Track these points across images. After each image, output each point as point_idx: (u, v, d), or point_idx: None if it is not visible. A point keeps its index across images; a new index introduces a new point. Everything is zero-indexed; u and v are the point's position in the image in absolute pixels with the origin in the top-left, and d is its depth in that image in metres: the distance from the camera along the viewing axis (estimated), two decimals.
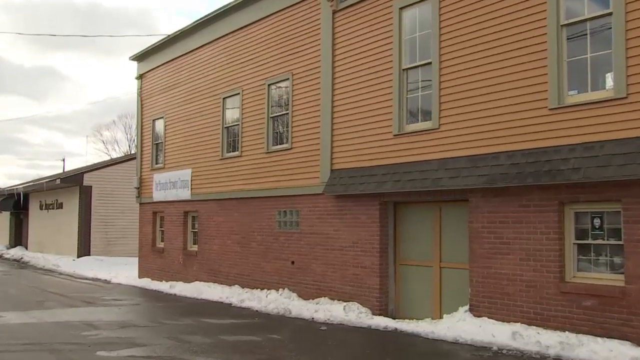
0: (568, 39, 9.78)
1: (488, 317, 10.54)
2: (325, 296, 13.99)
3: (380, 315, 12.51)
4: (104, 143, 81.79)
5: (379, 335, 11.01)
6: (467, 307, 11.01)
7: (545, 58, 9.93)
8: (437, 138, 11.63)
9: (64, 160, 59.95)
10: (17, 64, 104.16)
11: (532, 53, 10.15)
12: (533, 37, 10.15)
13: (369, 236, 13.03)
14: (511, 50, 10.46)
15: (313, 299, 14.11)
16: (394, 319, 12.31)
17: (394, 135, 12.47)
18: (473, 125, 11.02)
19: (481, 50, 10.93)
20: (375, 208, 12.90)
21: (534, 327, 9.82)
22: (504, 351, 9.34)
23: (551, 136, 9.80)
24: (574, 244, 9.71)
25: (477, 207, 10.90)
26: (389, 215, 12.96)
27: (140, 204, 22.95)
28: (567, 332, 9.37)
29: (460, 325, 10.36)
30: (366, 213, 13.12)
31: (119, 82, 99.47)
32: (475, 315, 10.73)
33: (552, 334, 9.35)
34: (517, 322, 10.14)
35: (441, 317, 11.58)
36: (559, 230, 9.72)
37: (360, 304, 12.91)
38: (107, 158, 63.89)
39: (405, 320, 11.99)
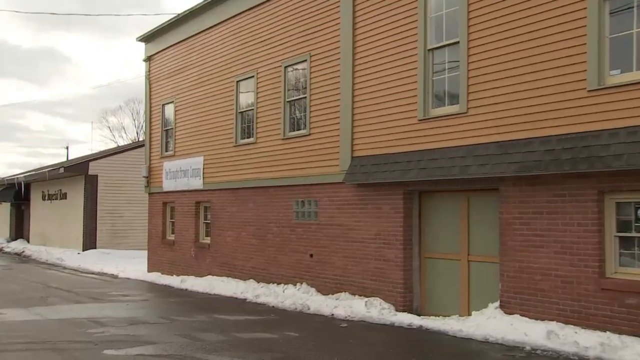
0: (611, 13, 9.56)
1: (520, 315, 10.46)
2: (345, 291, 14.01)
3: (404, 311, 12.52)
4: (110, 129, 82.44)
5: (403, 333, 11.01)
6: (497, 304, 10.94)
7: (584, 35, 9.73)
8: (465, 123, 11.54)
9: (67, 147, 60.14)
10: (14, 44, 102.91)
11: (569, 30, 9.95)
12: (571, 12, 9.95)
13: (392, 227, 13.01)
14: (546, 28, 10.27)
15: (333, 294, 14.15)
16: (418, 315, 12.30)
17: (419, 120, 12.42)
18: (504, 109, 10.90)
19: (513, 28, 10.78)
20: (398, 197, 12.89)
21: (571, 326, 9.70)
22: (538, 352, 9.24)
23: (590, 120, 9.61)
24: (615, 236, 9.55)
25: (508, 196, 10.81)
26: (414, 205, 12.94)
27: (149, 194, 23.06)
28: (608, 333, 9.22)
29: (490, 323, 10.29)
30: (389, 203, 13.09)
31: (125, 64, 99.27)
32: (506, 313, 10.66)
33: (592, 334, 9.22)
34: (552, 320, 10.03)
35: (469, 314, 11.53)
36: (599, 221, 9.58)
37: (383, 300, 12.92)
38: (113, 145, 64.23)
39: (431, 317, 11.98)
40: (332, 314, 12.75)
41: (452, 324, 10.88)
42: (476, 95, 11.39)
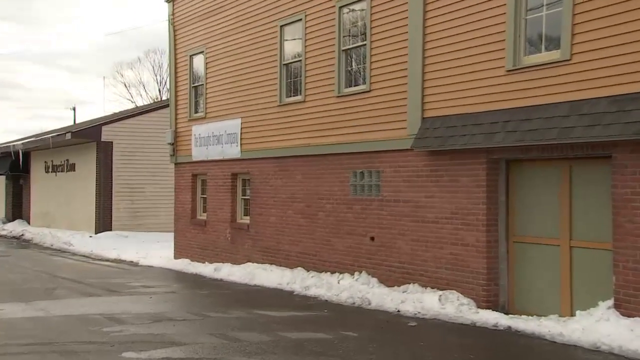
0: None
1: None
2: (414, 282, 14.05)
3: (487, 308, 12.48)
4: (126, 87, 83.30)
5: (487, 335, 10.97)
6: (610, 302, 10.68)
7: None
8: (568, 73, 11.25)
9: (74, 109, 60.45)
10: None
11: None
12: None
13: (472, 204, 12.95)
14: None
15: (398, 286, 14.25)
16: (506, 314, 12.21)
17: (508, 71, 12.26)
18: (619, 53, 10.50)
19: None
20: (481, 167, 12.82)
21: None
22: None
23: None
24: None
25: (625, 166, 10.51)
26: (500, 176, 12.86)
27: (175, 164, 23.30)
28: None
29: (601, 327, 10.06)
30: (469, 174, 13.03)
31: (144, 6, 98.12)
32: (622, 314, 10.35)
33: None
34: None
35: (573, 315, 11.28)
36: None
37: (461, 294, 12.93)
38: (131, 106, 64.93)
39: (523, 316, 11.85)
40: (398, 310, 12.84)
41: (550, 326, 10.69)
42: (584, 36, 11.07)
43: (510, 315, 11.91)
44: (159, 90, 68.47)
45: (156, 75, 70.16)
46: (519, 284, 12.62)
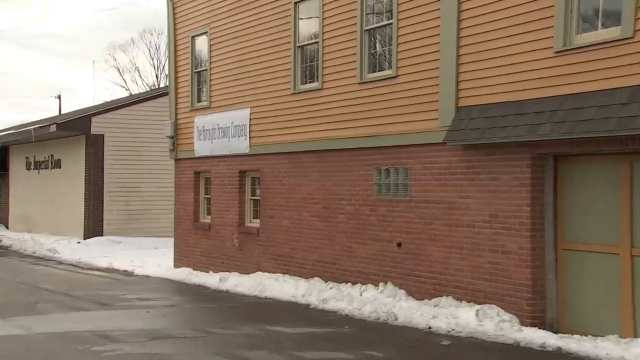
0: None
1: None
2: (447, 295, 14.00)
3: (533, 325, 12.34)
4: (119, 72, 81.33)
5: (534, 357, 10.90)
6: None
7: None
8: (630, 53, 11.00)
9: (59, 97, 60.66)
10: None
11: None
12: None
13: (514, 206, 12.83)
14: None
15: (429, 299, 14.21)
16: (555, 332, 12.05)
17: (556, 52, 12.12)
18: None
19: None
20: (524, 164, 12.69)
21: None
22: None
23: None
24: None
25: None
26: (547, 174, 12.77)
27: (175, 160, 23.31)
28: None
29: None
30: (511, 171, 12.92)
31: None
32: None
33: None
34: None
35: (636, 336, 11.16)
36: None
37: (502, 308, 12.80)
38: (125, 94, 64.81)
39: (575, 335, 11.69)
40: (429, 327, 12.79)
41: (608, 348, 10.52)
42: None
43: (560, 335, 11.74)
44: (157, 76, 68.93)
45: (153, 60, 70.27)
46: (570, 298, 12.51)
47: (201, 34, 21.88)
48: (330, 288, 15.99)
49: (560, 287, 12.57)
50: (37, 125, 35.03)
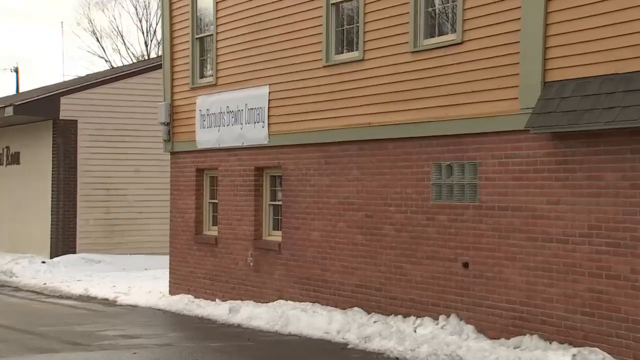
0: None
1: None
2: (532, 332, 13.06)
3: None
4: (97, 37, 75.08)
5: None
6: None
7: None
8: None
9: (17, 70, 59.12)
10: None
11: None
12: None
13: (624, 215, 11.84)
14: None
15: (507, 338, 13.25)
16: None
17: None
18: None
19: None
20: (636, 158, 11.72)
21: None
22: None
23: None
24: None
25: None
26: None
27: (171, 153, 22.10)
28: None
29: None
30: (618, 168, 11.98)
31: None
32: None
33: None
34: None
35: None
36: None
37: (608, 353, 11.80)
38: (104, 67, 62.00)
39: None
40: None
41: None
42: None
43: None
44: (146, 43, 65.26)
45: (141, 22, 66.18)
46: None
47: None
48: (375, 322, 15.10)
49: None
50: None
